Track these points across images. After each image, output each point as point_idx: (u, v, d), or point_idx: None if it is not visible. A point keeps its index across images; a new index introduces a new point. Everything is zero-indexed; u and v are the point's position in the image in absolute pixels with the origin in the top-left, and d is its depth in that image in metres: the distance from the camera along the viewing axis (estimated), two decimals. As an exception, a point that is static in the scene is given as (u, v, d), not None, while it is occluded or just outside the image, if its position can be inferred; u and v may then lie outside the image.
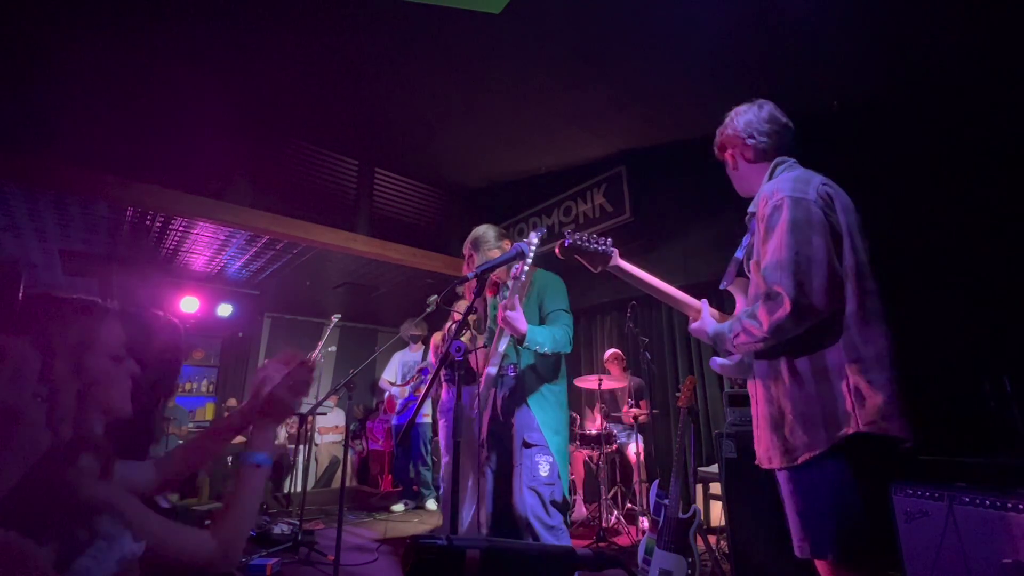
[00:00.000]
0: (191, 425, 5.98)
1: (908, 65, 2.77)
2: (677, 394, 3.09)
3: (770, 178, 1.42)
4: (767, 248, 1.22)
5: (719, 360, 1.43)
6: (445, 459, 2.82)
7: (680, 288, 1.80)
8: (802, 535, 1.17)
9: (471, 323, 2.82)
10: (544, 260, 2.21)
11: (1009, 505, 1.77)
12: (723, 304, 4.32)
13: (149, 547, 0.76)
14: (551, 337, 2.01)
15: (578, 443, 4.02)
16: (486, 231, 2.41)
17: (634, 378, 4.33)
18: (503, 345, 2.06)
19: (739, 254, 1.46)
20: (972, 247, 2.66)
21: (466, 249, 2.41)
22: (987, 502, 1.82)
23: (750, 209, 1.41)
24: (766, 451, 1.26)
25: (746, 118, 1.49)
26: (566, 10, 2.75)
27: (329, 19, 2.98)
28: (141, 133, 3.79)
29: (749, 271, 1.41)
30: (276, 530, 3.57)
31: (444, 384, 3.37)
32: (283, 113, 4.19)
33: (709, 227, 3.90)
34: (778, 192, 1.27)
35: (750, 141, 1.46)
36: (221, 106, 3.95)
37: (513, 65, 3.28)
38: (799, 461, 1.17)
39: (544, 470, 1.94)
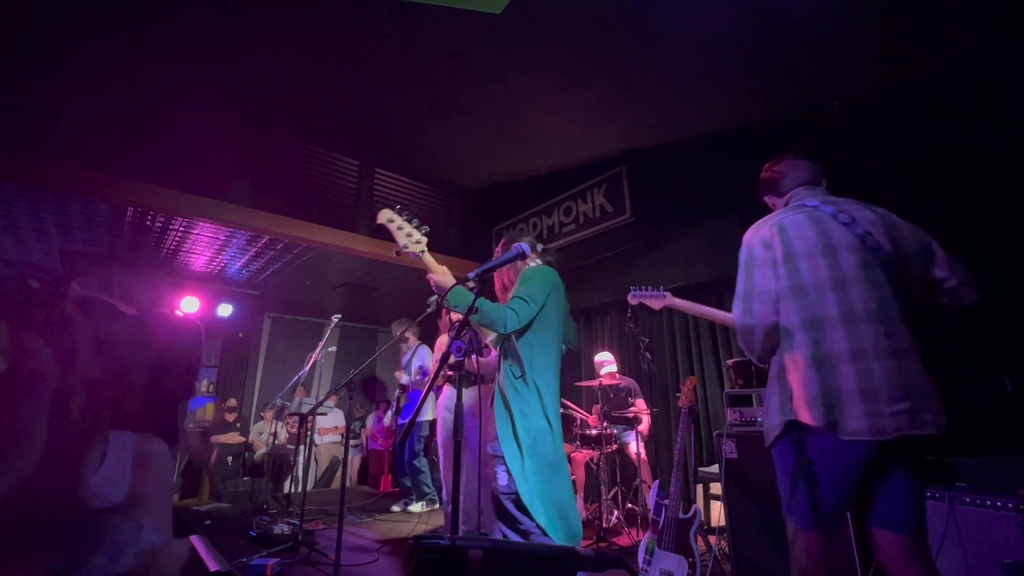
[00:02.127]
0: (192, 425, 5.98)
1: (908, 65, 2.77)
2: (677, 394, 3.09)
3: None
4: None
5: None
6: (442, 460, 2.84)
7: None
8: (783, 501, 1.45)
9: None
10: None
11: (1010, 505, 1.77)
12: (724, 303, 4.30)
13: None
14: (485, 307, 1.86)
15: (578, 443, 4.02)
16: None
17: (626, 378, 4.32)
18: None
19: None
20: (972, 247, 2.66)
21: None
22: (988, 502, 1.83)
23: None
24: (765, 431, 1.53)
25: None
26: (567, 10, 2.75)
27: (330, 19, 2.98)
28: (142, 133, 3.79)
29: None
30: (276, 530, 3.57)
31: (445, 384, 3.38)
32: (283, 113, 4.19)
33: (709, 228, 3.90)
34: (746, 236, 1.66)
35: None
36: (222, 106, 3.95)
37: (514, 65, 3.29)
38: (770, 441, 1.47)
39: (502, 478, 1.86)
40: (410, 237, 1.98)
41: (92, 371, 0.77)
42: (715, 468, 2.85)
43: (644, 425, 4.04)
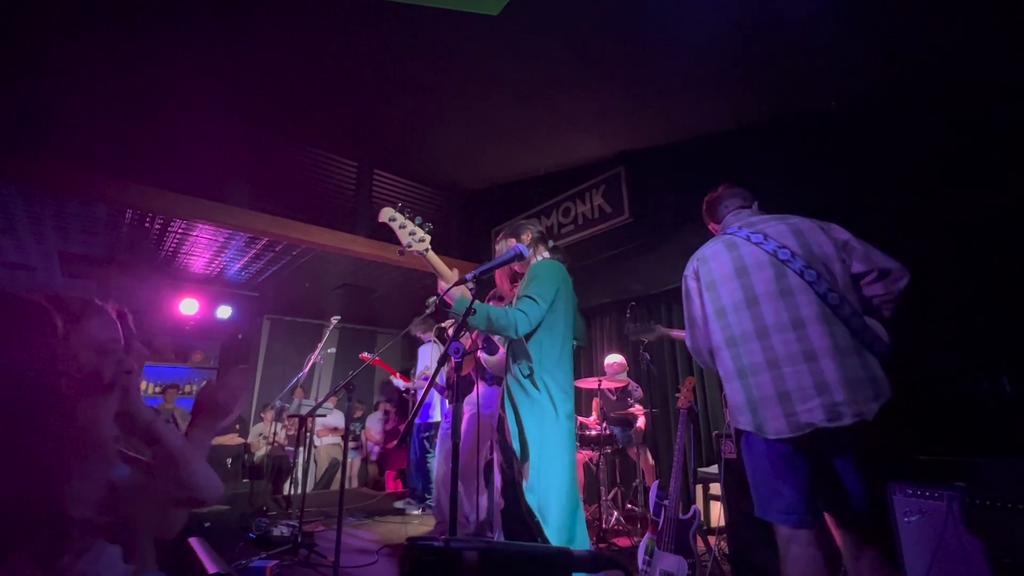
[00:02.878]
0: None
1: (905, 65, 2.77)
2: (676, 395, 3.09)
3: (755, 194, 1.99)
4: None
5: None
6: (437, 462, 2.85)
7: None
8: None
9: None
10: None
11: (1009, 505, 1.77)
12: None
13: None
14: (484, 315, 1.80)
15: (578, 444, 4.02)
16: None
17: (628, 380, 4.33)
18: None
19: None
20: (971, 247, 2.66)
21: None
22: (987, 502, 1.83)
23: None
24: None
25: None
26: (564, 12, 2.76)
27: (328, 22, 2.98)
28: (140, 135, 3.79)
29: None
30: (276, 532, 3.56)
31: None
32: (282, 115, 4.19)
33: (707, 229, 3.90)
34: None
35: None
36: (220, 108, 3.95)
37: (512, 66, 3.29)
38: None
39: (498, 482, 1.88)
40: (413, 236, 1.95)
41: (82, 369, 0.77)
42: (715, 468, 2.85)
43: (640, 423, 4.05)
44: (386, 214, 1.95)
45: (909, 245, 2.80)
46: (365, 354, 3.89)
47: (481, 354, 2.81)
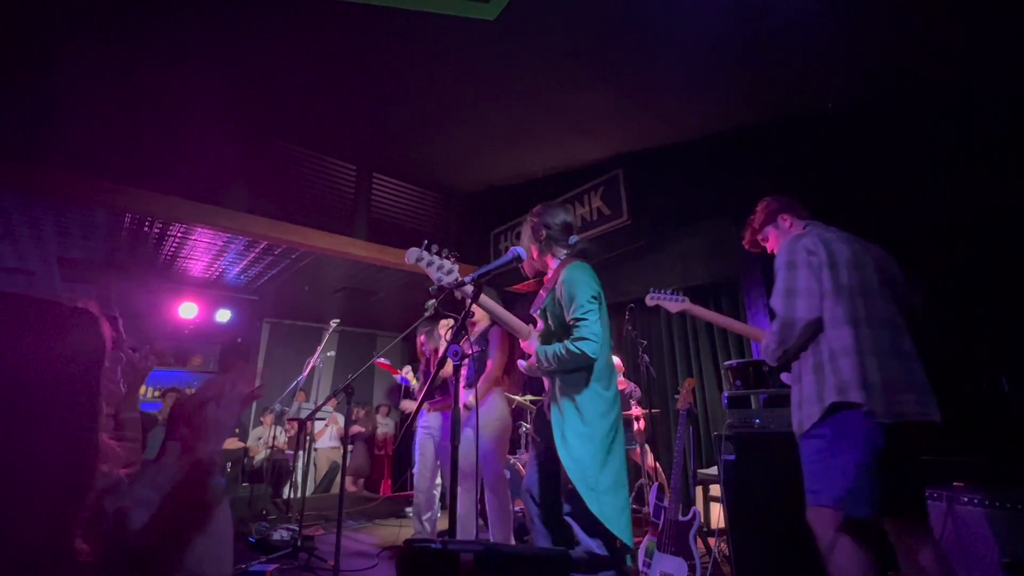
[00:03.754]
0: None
1: (903, 66, 2.78)
2: (676, 396, 3.09)
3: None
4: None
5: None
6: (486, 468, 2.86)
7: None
8: (813, 486, 1.57)
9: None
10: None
11: (1008, 504, 1.77)
12: (721, 306, 4.29)
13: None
14: (548, 354, 1.87)
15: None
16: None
17: (628, 382, 4.32)
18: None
19: None
20: (969, 247, 2.67)
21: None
22: (986, 501, 1.83)
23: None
24: (796, 423, 1.68)
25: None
26: (562, 14, 2.77)
27: (326, 25, 2.99)
28: (139, 139, 3.79)
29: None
30: (275, 536, 3.56)
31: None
32: (281, 118, 4.20)
33: (706, 231, 3.91)
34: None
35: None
36: (219, 112, 3.96)
37: (510, 69, 3.30)
38: (802, 431, 1.63)
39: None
40: (441, 269, 1.95)
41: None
42: (714, 470, 2.85)
43: (640, 425, 4.05)
44: (412, 255, 1.94)
45: (907, 246, 2.82)
46: (382, 360, 3.87)
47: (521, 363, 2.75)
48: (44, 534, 0.65)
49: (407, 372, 3.84)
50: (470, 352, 3.02)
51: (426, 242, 1.95)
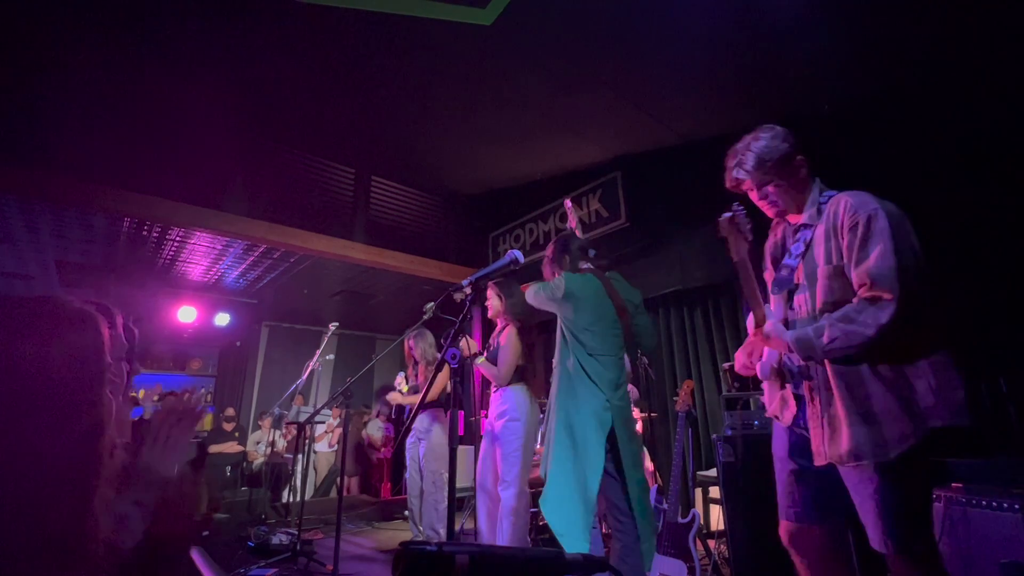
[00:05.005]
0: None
1: (899, 67, 2.80)
2: (675, 398, 3.09)
3: (820, 192, 1.52)
4: (870, 251, 1.28)
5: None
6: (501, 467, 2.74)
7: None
8: (892, 530, 1.22)
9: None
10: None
11: (1006, 505, 1.78)
12: (719, 308, 4.27)
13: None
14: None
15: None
16: None
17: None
18: None
19: (792, 262, 1.49)
20: (968, 248, 2.68)
21: None
22: (984, 502, 1.83)
23: (806, 220, 1.49)
24: (853, 447, 1.26)
25: (779, 142, 1.58)
26: (559, 18, 2.78)
27: (325, 30, 3.00)
28: (138, 143, 3.80)
29: (801, 277, 1.47)
30: (275, 540, 3.55)
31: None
32: (280, 122, 4.21)
33: (704, 233, 3.92)
34: (869, 202, 1.35)
35: (800, 159, 1.54)
36: (218, 116, 3.97)
37: (508, 72, 3.31)
38: (892, 456, 1.22)
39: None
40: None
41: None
42: (713, 472, 2.85)
43: (638, 428, 4.04)
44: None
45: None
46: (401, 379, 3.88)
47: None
48: (46, 536, 0.65)
49: (399, 382, 3.82)
50: (477, 353, 3.01)
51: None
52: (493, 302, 3.00)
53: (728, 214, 1.52)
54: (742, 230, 1.52)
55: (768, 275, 1.65)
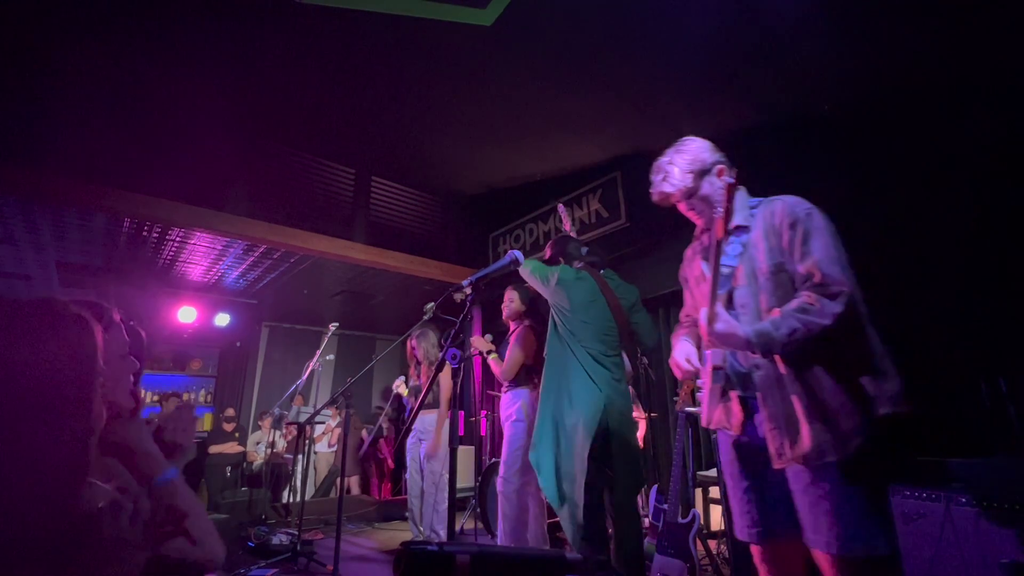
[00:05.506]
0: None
1: (898, 67, 2.80)
2: (675, 398, 3.09)
3: (752, 195, 1.60)
4: (813, 246, 1.34)
5: None
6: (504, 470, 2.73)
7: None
8: (850, 530, 1.19)
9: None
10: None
11: (1006, 505, 1.78)
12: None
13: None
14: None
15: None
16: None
17: None
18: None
19: (731, 262, 1.50)
20: (968, 248, 2.68)
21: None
22: (984, 503, 1.83)
23: (740, 222, 1.51)
24: (817, 445, 1.24)
25: (702, 153, 1.60)
26: (559, 18, 2.78)
27: (325, 30, 3.00)
28: (138, 144, 3.80)
29: (741, 278, 1.47)
30: (275, 540, 3.55)
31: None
32: (280, 123, 4.21)
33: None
34: (803, 202, 1.43)
35: (721, 168, 1.57)
36: (218, 116, 3.97)
37: (507, 73, 3.31)
38: (852, 450, 1.22)
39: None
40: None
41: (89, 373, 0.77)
42: (713, 472, 2.85)
43: (640, 431, 4.04)
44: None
45: (904, 247, 2.83)
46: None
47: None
48: (39, 534, 0.65)
49: (399, 385, 3.79)
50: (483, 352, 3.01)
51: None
52: (514, 304, 3.02)
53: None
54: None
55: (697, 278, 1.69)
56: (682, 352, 1.55)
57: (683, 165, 1.56)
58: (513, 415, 2.75)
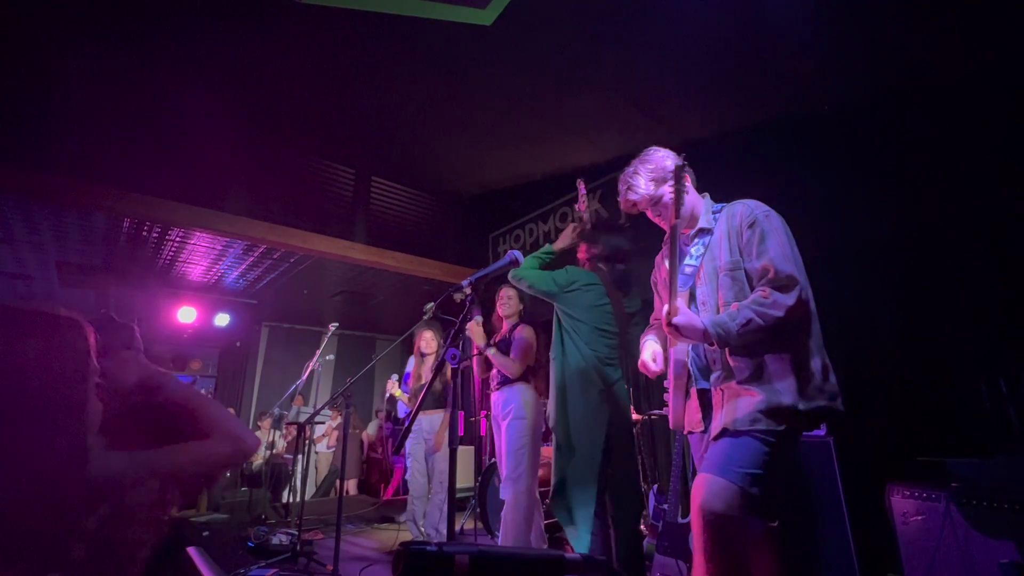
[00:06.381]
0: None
1: (897, 68, 2.80)
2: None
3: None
4: (769, 245, 1.43)
5: None
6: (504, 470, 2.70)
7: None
8: (726, 470, 1.32)
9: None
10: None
11: (1006, 505, 1.78)
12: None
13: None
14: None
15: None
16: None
17: None
18: None
19: (694, 262, 1.59)
20: (968, 248, 2.68)
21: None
22: (984, 503, 1.83)
23: (704, 225, 1.63)
24: (751, 412, 1.34)
25: (666, 162, 1.69)
26: (560, 18, 2.78)
27: (325, 31, 3.00)
28: (138, 144, 3.80)
29: (703, 276, 1.57)
30: (275, 540, 3.55)
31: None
32: (280, 123, 4.21)
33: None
34: (762, 205, 1.54)
35: (686, 176, 1.63)
36: (218, 116, 3.97)
37: (508, 74, 3.31)
38: (782, 427, 1.31)
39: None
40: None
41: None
42: (713, 472, 2.84)
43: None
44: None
45: (904, 247, 2.83)
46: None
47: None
48: (33, 535, 0.65)
49: (392, 386, 3.76)
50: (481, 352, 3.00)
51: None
52: (512, 301, 3.01)
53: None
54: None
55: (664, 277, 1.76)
56: (649, 353, 1.66)
57: (646, 174, 1.66)
58: (512, 413, 2.73)
